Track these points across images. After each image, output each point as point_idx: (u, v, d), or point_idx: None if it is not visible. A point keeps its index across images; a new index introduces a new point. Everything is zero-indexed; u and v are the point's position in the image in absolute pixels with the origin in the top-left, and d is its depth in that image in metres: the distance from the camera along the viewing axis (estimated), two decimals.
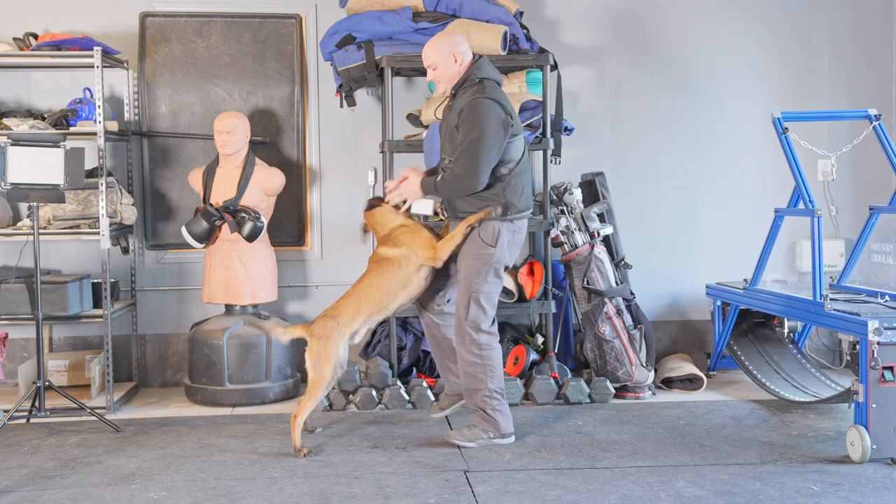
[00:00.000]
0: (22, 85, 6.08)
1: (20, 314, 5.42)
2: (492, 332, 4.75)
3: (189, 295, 6.24)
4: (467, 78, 4.70)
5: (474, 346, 4.71)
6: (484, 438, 4.76)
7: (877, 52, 6.66)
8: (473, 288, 4.70)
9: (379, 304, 4.78)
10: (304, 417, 4.72)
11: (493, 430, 4.77)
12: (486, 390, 4.73)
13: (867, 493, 4.08)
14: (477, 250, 4.70)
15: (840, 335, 5.15)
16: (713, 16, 6.55)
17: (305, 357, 4.78)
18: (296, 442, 4.69)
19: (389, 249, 4.77)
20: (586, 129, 6.38)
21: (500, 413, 4.77)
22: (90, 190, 5.69)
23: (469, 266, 4.72)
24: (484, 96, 4.59)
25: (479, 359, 4.71)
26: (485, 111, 4.56)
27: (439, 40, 4.77)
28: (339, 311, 4.78)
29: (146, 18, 6.11)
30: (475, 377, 4.73)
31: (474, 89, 4.65)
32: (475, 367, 4.72)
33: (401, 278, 4.74)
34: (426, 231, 4.81)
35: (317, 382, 4.71)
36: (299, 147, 6.25)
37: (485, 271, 4.70)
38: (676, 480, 4.24)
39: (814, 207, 5.11)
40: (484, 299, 4.71)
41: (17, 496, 4.15)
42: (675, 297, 6.58)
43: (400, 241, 4.77)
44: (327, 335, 4.73)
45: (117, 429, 5.15)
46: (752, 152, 6.56)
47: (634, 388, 5.75)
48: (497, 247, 4.69)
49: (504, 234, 4.70)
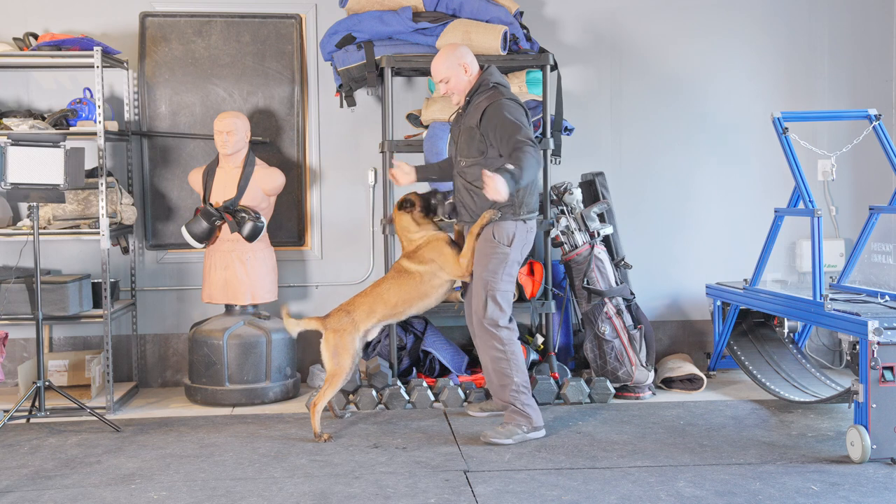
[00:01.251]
0: (22, 85, 6.08)
1: (20, 314, 5.42)
2: (511, 328, 4.88)
3: (189, 295, 6.24)
4: (481, 84, 4.88)
5: (497, 342, 4.83)
6: (519, 434, 4.84)
7: (877, 52, 6.66)
8: (490, 287, 4.82)
9: (394, 309, 5.04)
10: (322, 405, 4.95)
11: (526, 424, 4.86)
12: (514, 384, 4.84)
13: (867, 493, 4.08)
14: (492, 250, 4.82)
15: (840, 335, 5.15)
16: (713, 15, 6.55)
17: (322, 348, 5.00)
18: (315, 428, 4.92)
19: (414, 265, 5.01)
20: (586, 129, 6.38)
21: (529, 407, 4.88)
22: (90, 190, 5.69)
23: (486, 265, 4.83)
24: (505, 97, 4.81)
25: (502, 354, 4.84)
26: (513, 107, 4.79)
27: (447, 54, 4.90)
28: (354, 308, 5.02)
29: (146, 18, 6.11)
30: (502, 373, 4.85)
31: (491, 93, 4.83)
32: (500, 363, 4.84)
33: (420, 291, 5.01)
34: (451, 247, 5.00)
35: (336, 373, 4.96)
36: (299, 147, 6.25)
37: (501, 270, 4.82)
38: (676, 480, 4.24)
39: (814, 207, 5.11)
40: (500, 297, 4.84)
41: (17, 496, 4.15)
42: (675, 297, 6.58)
43: (426, 259, 5.00)
44: (343, 328, 4.97)
45: (117, 429, 5.15)
46: (752, 152, 6.56)
47: (634, 388, 5.75)
48: (512, 246, 4.83)
49: (518, 234, 4.85)
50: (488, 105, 4.77)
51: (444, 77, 4.90)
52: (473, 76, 4.91)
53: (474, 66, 4.92)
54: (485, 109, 4.77)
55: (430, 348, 5.79)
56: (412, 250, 5.05)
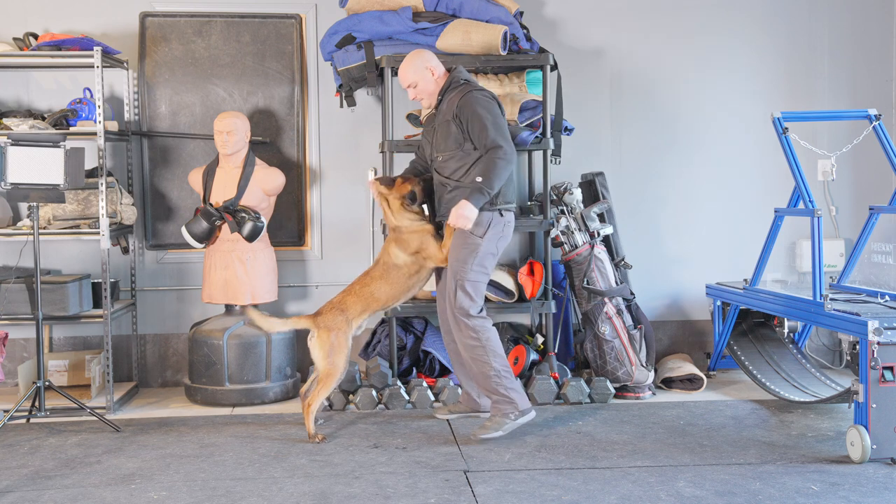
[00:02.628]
0: (22, 85, 6.08)
1: (20, 314, 5.42)
2: (483, 317, 4.90)
3: (189, 295, 6.24)
4: (451, 83, 4.97)
5: (469, 331, 4.86)
6: (508, 423, 4.86)
7: (877, 52, 6.66)
8: (459, 276, 4.85)
9: (384, 305, 5.12)
10: (317, 406, 4.95)
11: (512, 410, 4.87)
12: (493, 370, 4.86)
13: (867, 493, 4.08)
14: (464, 240, 4.86)
15: (840, 335, 5.15)
16: (713, 15, 6.55)
17: (312, 347, 4.96)
18: (310, 429, 4.92)
19: (403, 255, 5.00)
20: (586, 129, 6.38)
21: (513, 391, 4.89)
22: (90, 190, 5.69)
23: (456, 255, 4.88)
24: (475, 89, 4.92)
25: (476, 341, 4.86)
26: (483, 99, 4.89)
27: (412, 59, 5.02)
28: (347, 306, 5.01)
29: (146, 18, 6.11)
30: (480, 360, 4.87)
31: (462, 86, 4.93)
32: (475, 351, 4.87)
33: (407, 284, 5.05)
34: (433, 236, 5.03)
35: (331, 373, 4.93)
36: (299, 147, 6.25)
37: (471, 260, 4.85)
38: (676, 480, 4.24)
39: (814, 207, 5.11)
40: (470, 287, 4.86)
41: (17, 496, 4.15)
42: (675, 297, 6.58)
43: (412, 247, 5.01)
44: (339, 327, 4.96)
45: (117, 429, 5.15)
46: (752, 152, 6.56)
47: (634, 388, 5.75)
48: (485, 237, 4.86)
49: (494, 226, 4.88)
50: (461, 97, 4.86)
51: (411, 82, 4.99)
52: (440, 77, 5.00)
53: (440, 69, 5.02)
54: (458, 102, 4.86)
55: (430, 348, 5.79)
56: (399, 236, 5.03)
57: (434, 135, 5.02)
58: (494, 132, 4.79)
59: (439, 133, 4.96)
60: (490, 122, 4.80)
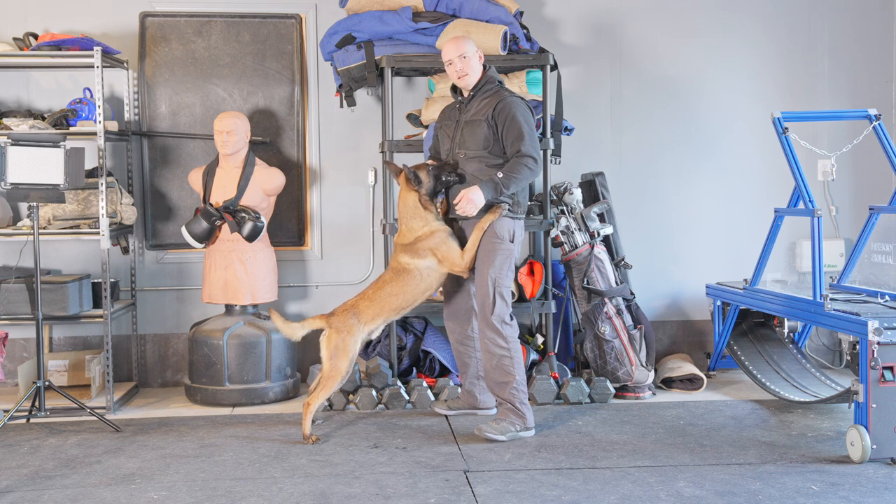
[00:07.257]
0: (22, 85, 6.08)
1: (20, 314, 5.42)
2: (514, 325, 4.95)
3: (189, 295, 6.24)
4: (487, 81, 4.99)
5: (502, 339, 4.88)
6: (512, 431, 4.87)
7: (877, 52, 6.66)
8: (498, 283, 4.89)
9: (399, 309, 5.03)
10: (315, 406, 4.91)
11: (520, 423, 4.89)
12: (515, 382, 4.88)
13: (867, 493, 4.08)
14: (498, 246, 4.90)
15: (840, 335, 5.15)
16: (713, 15, 6.55)
17: (322, 346, 4.93)
18: (305, 429, 4.89)
19: (414, 260, 4.94)
20: (586, 129, 6.38)
21: (525, 406, 4.93)
22: (90, 190, 5.69)
23: (492, 262, 4.89)
24: (514, 95, 4.99)
25: (507, 351, 4.88)
26: (523, 107, 4.95)
27: (465, 39, 5.02)
28: (361, 310, 4.96)
29: (146, 18, 6.11)
30: (504, 370, 4.88)
31: (497, 90, 4.97)
32: (504, 360, 4.88)
33: (421, 288, 4.99)
34: (454, 240, 4.97)
35: (332, 376, 4.91)
36: (299, 147, 6.25)
37: (506, 266, 4.92)
38: (676, 480, 4.24)
39: (814, 207, 5.11)
40: (506, 293, 4.94)
41: (17, 496, 4.15)
42: (675, 297, 6.58)
43: (424, 252, 4.94)
44: (348, 330, 4.92)
45: (117, 429, 5.15)
46: (752, 152, 6.56)
47: (634, 388, 5.75)
48: (514, 243, 4.94)
49: (518, 232, 4.96)
50: (499, 101, 4.89)
51: (464, 52, 4.94)
52: (482, 70, 5.03)
53: (482, 61, 5.06)
54: (496, 105, 4.87)
55: (430, 348, 5.80)
56: (410, 242, 4.96)
57: (458, 131, 5.00)
58: (530, 143, 4.85)
59: (466, 131, 4.96)
60: (527, 132, 4.85)
